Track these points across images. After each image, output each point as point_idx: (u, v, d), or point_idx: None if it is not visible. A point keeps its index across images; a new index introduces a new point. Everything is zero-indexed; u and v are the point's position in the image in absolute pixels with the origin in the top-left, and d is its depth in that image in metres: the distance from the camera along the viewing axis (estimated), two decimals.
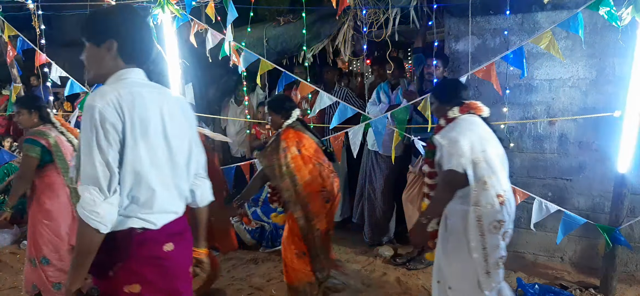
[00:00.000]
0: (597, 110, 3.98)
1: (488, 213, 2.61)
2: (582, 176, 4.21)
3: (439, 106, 2.94)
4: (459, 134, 2.67)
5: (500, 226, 2.64)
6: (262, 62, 4.37)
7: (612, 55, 3.96)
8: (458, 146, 2.62)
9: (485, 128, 2.78)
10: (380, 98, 4.79)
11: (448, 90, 2.94)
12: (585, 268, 4.26)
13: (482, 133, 2.73)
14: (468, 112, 2.83)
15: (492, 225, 2.63)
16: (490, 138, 2.75)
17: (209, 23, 4.54)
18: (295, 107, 3.47)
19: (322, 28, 5.23)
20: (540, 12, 4.15)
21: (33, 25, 4.95)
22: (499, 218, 2.63)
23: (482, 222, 2.62)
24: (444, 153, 2.67)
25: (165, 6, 4.44)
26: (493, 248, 2.65)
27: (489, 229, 2.63)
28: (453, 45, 4.54)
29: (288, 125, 3.41)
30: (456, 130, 2.71)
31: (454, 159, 2.61)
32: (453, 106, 2.84)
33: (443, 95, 2.93)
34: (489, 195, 2.61)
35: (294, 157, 3.27)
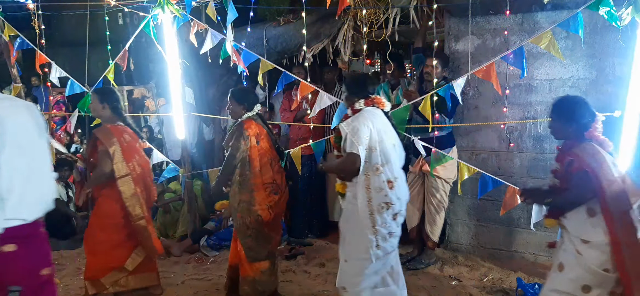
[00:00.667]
0: (597, 110, 3.91)
1: (377, 196, 3.05)
2: None
3: (348, 96, 3.27)
4: (360, 124, 3.04)
5: (389, 207, 3.07)
6: (262, 62, 4.37)
7: (612, 55, 3.96)
8: (358, 134, 3.00)
9: (384, 121, 3.20)
10: None
11: (357, 83, 3.28)
12: None
13: (380, 125, 3.13)
14: (372, 105, 3.20)
15: (380, 205, 3.06)
16: (388, 130, 3.18)
17: (209, 23, 4.54)
18: (257, 102, 3.70)
19: (322, 28, 5.22)
20: (540, 12, 4.15)
21: (33, 25, 4.95)
22: (386, 200, 3.06)
23: (371, 202, 3.05)
24: (347, 139, 3.05)
25: (165, 6, 4.44)
26: (382, 224, 3.08)
27: (378, 209, 3.06)
28: (453, 45, 4.54)
29: (249, 116, 3.62)
30: (359, 120, 3.08)
31: (354, 145, 3.00)
32: (360, 98, 3.19)
33: (352, 88, 3.27)
34: (379, 180, 3.05)
35: (252, 147, 3.52)
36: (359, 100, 3.19)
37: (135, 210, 3.71)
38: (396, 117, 4.05)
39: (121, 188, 3.66)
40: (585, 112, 2.75)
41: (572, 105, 2.80)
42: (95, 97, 3.81)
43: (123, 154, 3.66)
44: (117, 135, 3.69)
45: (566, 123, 2.78)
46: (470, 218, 4.70)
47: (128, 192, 3.69)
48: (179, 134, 5.08)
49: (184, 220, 5.41)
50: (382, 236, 3.10)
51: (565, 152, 2.82)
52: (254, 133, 3.57)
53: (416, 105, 4.02)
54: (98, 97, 3.79)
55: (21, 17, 5.19)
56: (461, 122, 4.53)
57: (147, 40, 4.92)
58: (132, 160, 3.73)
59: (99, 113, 3.80)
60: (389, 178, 3.07)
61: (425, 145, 4.08)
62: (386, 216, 3.08)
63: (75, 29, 6.00)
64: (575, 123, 2.75)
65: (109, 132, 3.68)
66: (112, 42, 4.90)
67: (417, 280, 4.25)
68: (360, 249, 3.13)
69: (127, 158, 3.69)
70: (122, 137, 3.72)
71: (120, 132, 3.74)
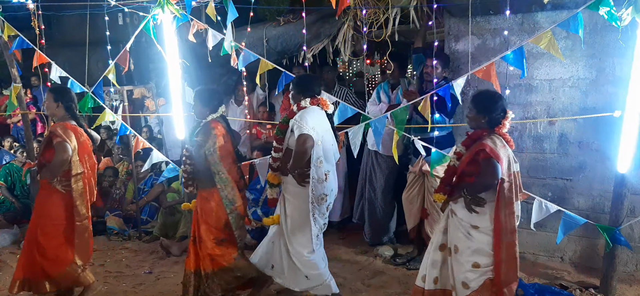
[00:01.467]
0: (597, 110, 3.98)
1: (318, 187, 3.41)
2: (582, 176, 4.21)
3: (295, 95, 3.58)
4: (307, 115, 3.41)
5: (325, 199, 3.46)
6: (262, 62, 4.37)
7: (612, 55, 3.96)
8: (305, 121, 3.36)
9: (325, 120, 3.55)
10: (380, 98, 4.79)
11: (304, 83, 3.60)
12: (585, 268, 4.26)
13: (322, 123, 3.49)
14: (317, 104, 3.53)
15: (320, 197, 3.44)
16: (328, 129, 3.56)
17: (209, 23, 4.54)
18: (222, 104, 3.77)
19: (322, 28, 5.22)
20: (540, 12, 4.15)
21: (33, 25, 4.95)
22: (324, 192, 3.44)
23: (314, 192, 3.41)
24: (296, 126, 3.37)
25: (165, 6, 4.44)
26: (320, 215, 3.48)
27: (318, 200, 3.43)
28: (453, 45, 4.54)
29: (213, 118, 3.68)
30: (306, 113, 3.43)
31: (304, 128, 3.33)
32: (306, 97, 3.51)
33: (300, 87, 3.58)
34: (321, 172, 3.40)
35: (221, 147, 3.61)
36: (305, 99, 3.51)
37: (82, 210, 3.78)
38: (396, 117, 4.06)
39: (74, 185, 3.72)
40: (498, 107, 3.06)
41: (487, 99, 3.10)
42: (51, 96, 3.82)
43: (78, 152, 3.74)
44: (75, 133, 3.76)
45: (479, 114, 3.08)
46: None
47: (78, 190, 3.75)
48: (179, 134, 5.08)
49: (184, 220, 5.41)
50: (319, 226, 3.51)
51: (473, 140, 3.13)
52: (220, 133, 3.64)
53: (416, 105, 4.02)
54: (53, 96, 3.81)
55: (21, 17, 5.19)
56: (461, 122, 4.52)
57: (147, 40, 4.92)
58: (85, 159, 3.81)
59: (53, 111, 3.83)
60: (326, 170, 3.43)
61: (425, 145, 4.08)
62: (323, 207, 3.47)
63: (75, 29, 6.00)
64: (488, 116, 3.05)
65: (67, 130, 3.74)
66: (112, 42, 4.89)
67: None
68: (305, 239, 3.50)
69: (81, 157, 3.77)
70: (78, 135, 3.78)
71: (77, 130, 3.80)
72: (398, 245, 4.93)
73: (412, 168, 4.47)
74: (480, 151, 2.99)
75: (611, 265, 3.79)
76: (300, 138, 3.32)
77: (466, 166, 3.10)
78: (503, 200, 2.98)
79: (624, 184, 3.65)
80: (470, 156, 3.07)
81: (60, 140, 3.65)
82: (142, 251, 5.21)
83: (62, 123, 3.78)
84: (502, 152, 2.96)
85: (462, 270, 3.09)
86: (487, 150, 2.95)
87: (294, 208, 3.54)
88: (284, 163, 3.50)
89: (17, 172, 6.17)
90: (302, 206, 3.48)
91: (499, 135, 3.05)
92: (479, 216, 3.04)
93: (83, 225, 3.81)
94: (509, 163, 3.00)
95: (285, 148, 3.55)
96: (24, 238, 3.93)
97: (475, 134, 3.14)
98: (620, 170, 3.62)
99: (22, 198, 6.16)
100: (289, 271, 3.63)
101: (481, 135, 3.08)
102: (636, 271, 4.16)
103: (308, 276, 3.55)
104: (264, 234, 4.98)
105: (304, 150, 3.32)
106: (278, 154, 3.60)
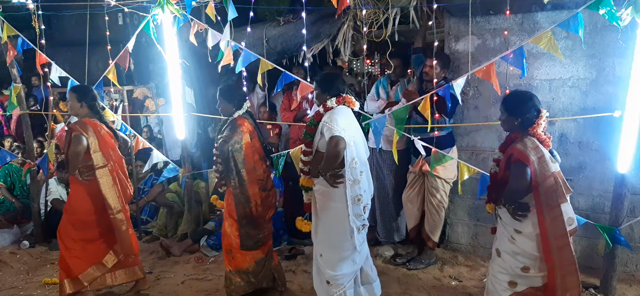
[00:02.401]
0: (597, 110, 3.98)
1: (353, 188, 3.25)
2: (582, 176, 4.21)
3: (320, 94, 3.41)
4: (338, 116, 3.24)
5: (360, 199, 3.29)
6: (262, 62, 4.37)
7: (612, 55, 3.96)
8: (336, 122, 3.20)
9: (354, 119, 3.42)
10: (379, 93, 4.79)
11: (329, 82, 3.42)
12: (585, 268, 4.25)
13: (352, 122, 3.37)
14: (343, 103, 3.36)
15: (356, 198, 3.27)
16: (358, 128, 3.43)
17: (209, 23, 4.54)
18: (245, 99, 3.78)
19: (322, 28, 5.22)
20: (540, 12, 4.15)
21: (33, 25, 4.95)
22: (359, 193, 3.27)
23: (350, 194, 3.25)
24: (326, 128, 3.21)
25: (165, 6, 4.44)
26: (356, 216, 3.29)
27: (353, 200, 3.26)
28: (453, 45, 4.54)
29: (240, 115, 3.71)
30: (336, 113, 3.27)
31: (335, 130, 3.16)
32: (331, 96, 3.35)
33: (324, 86, 3.40)
34: (356, 173, 3.26)
35: (247, 144, 3.63)
36: (330, 98, 3.35)
37: (114, 202, 3.79)
38: (396, 116, 4.06)
39: (100, 179, 3.73)
40: (530, 108, 2.92)
41: (519, 100, 2.97)
42: (74, 96, 3.85)
43: (99, 145, 3.75)
44: (93, 127, 3.78)
45: (512, 116, 2.95)
46: (470, 218, 4.70)
47: (107, 183, 3.76)
48: (179, 134, 5.08)
49: (184, 220, 5.42)
50: (357, 227, 3.32)
51: (508, 144, 3.02)
52: (247, 130, 3.66)
53: (416, 104, 4.02)
54: (76, 96, 3.84)
55: (21, 17, 5.19)
56: (461, 122, 4.53)
57: (147, 40, 4.92)
58: (109, 153, 3.81)
59: (77, 112, 3.86)
60: (360, 170, 3.29)
61: (425, 145, 4.08)
62: (359, 208, 3.30)
63: (75, 29, 5.99)
64: (520, 117, 2.92)
65: (85, 124, 3.77)
66: (112, 42, 4.89)
67: (417, 280, 4.26)
68: (338, 240, 3.33)
69: (104, 150, 3.77)
70: (97, 129, 3.79)
71: (97, 125, 3.82)
72: (398, 245, 4.92)
73: (412, 168, 4.47)
74: (510, 155, 2.90)
75: (611, 265, 3.80)
76: (332, 141, 3.16)
77: (503, 172, 2.98)
78: (543, 202, 2.84)
79: (624, 184, 3.65)
80: (505, 161, 2.96)
81: (77, 134, 3.70)
82: (142, 251, 5.18)
83: (81, 119, 3.82)
84: (532, 154, 2.83)
85: (509, 271, 2.99)
86: (515, 154, 2.86)
87: (325, 209, 3.39)
88: (314, 166, 3.35)
89: (16, 172, 6.18)
90: (335, 205, 3.32)
91: (532, 136, 2.91)
92: (521, 222, 2.92)
93: (118, 219, 3.82)
94: (546, 164, 2.85)
95: (315, 151, 3.39)
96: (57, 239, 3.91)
97: (509, 138, 3.04)
98: (620, 170, 3.62)
99: (22, 198, 6.16)
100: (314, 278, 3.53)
101: (515, 138, 2.98)
102: (636, 271, 4.16)
103: (330, 282, 3.40)
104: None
105: (336, 152, 3.16)
106: (308, 158, 3.45)
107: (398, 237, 4.96)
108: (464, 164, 4.05)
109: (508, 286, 3.01)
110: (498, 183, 3.04)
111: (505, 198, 2.94)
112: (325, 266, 3.40)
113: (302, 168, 3.49)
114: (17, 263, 4.98)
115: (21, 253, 5.21)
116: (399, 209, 4.83)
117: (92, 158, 3.72)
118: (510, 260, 2.98)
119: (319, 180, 3.34)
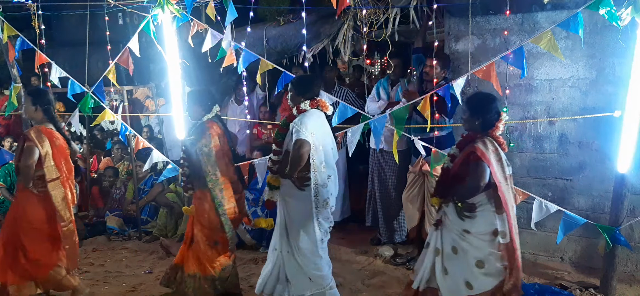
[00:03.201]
0: (597, 110, 3.98)
1: (322, 191, 3.33)
2: (582, 176, 4.21)
3: (294, 96, 3.46)
4: (308, 119, 3.31)
5: (328, 203, 3.39)
6: (262, 62, 4.37)
7: (612, 55, 3.96)
8: (305, 125, 3.26)
9: (325, 123, 3.47)
10: (380, 95, 4.79)
11: (304, 84, 3.47)
12: (585, 268, 4.26)
13: (322, 126, 3.41)
14: (316, 106, 3.41)
15: (324, 202, 3.36)
16: (328, 132, 3.48)
17: (209, 23, 4.54)
18: (216, 103, 3.77)
19: (322, 28, 5.22)
20: (540, 12, 4.15)
21: (33, 25, 4.95)
22: (326, 197, 3.36)
23: (318, 198, 3.33)
24: (295, 131, 3.27)
25: (165, 6, 4.43)
26: (324, 219, 3.41)
27: (322, 204, 3.35)
28: (453, 45, 4.54)
29: (208, 118, 3.69)
30: (306, 116, 3.33)
31: (301, 133, 3.23)
32: (305, 99, 3.39)
33: (299, 89, 3.45)
34: (324, 176, 3.34)
35: (216, 147, 3.62)
36: (304, 101, 3.39)
37: (66, 214, 3.75)
38: (396, 117, 4.06)
39: (52, 192, 3.67)
40: (492, 110, 3.03)
41: (482, 101, 3.07)
42: (29, 99, 3.75)
43: (53, 156, 3.68)
44: (49, 137, 3.70)
45: (473, 117, 3.05)
46: None
47: (59, 195, 3.71)
48: (179, 134, 5.08)
49: (184, 220, 5.41)
50: (324, 230, 3.42)
51: (466, 142, 3.11)
52: (216, 133, 3.66)
53: (416, 105, 4.02)
54: (31, 99, 3.74)
55: (21, 17, 5.19)
56: (461, 122, 4.52)
57: (147, 40, 4.92)
58: (61, 164, 3.75)
59: (32, 115, 3.77)
60: (329, 174, 3.39)
61: (425, 145, 4.08)
62: (327, 212, 3.41)
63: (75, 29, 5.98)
64: (481, 118, 3.02)
65: (41, 133, 3.68)
66: (112, 42, 4.89)
67: None
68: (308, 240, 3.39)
69: (57, 162, 3.71)
70: (53, 139, 3.72)
71: (52, 134, 3.74)
72: (398, 245, 4.92)
73: (412, 168, 4.47)
74: (471, 153, 2.98)
75: (611, 265, 3.80)
76: (296, 143, 3.25)
77: (458, 168, 3.08)
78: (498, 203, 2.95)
79: (624, 184, 3.65)
80: (462, 158, 3.06)
81: (31, 145, 3.61)
82: (142, 251, 5.21)
83: (38, 127, 3.73)
84: (492, 156, 2.94)
85: (465, 270, 3.04)
86: (477, 153, 2.93)
87: (296, 210, 3.45)
88: (283, 166, 3.43)
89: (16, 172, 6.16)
90: (304, 207, 3.39)
91: (492, 138, 3.02)
92: (470, 221, 3.01)
93: (69, 230, 3.78)
94: (502, 166, 2.98)
95: (285, 151, 3.47)
96: None
97: (468, 136, 3.13)
98: (620, 170, 3.62)
99: None
100: (294, 276, 3.49)
101: (474, 137, 3.06)
102: (636, 271, 4.16)
103: (312, 279, 3.44)
104: (264, 234, 5.02)
105: (299, 155, 3.24)
106: (277, 157, 3.52)
107: (399, 237, 4.96)
108: None
109: (465, 288, 3.04)
110: (451, 178, 3.12)
111: (459, 194, 3.02)
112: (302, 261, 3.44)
113: (270, 167, 3.55)
114: None
115: None
116: (400, 209, 4.83)
117: (44, 171, 3.63)
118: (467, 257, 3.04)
119: (287, 181, 3.40)
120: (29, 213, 3.71)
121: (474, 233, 3.01)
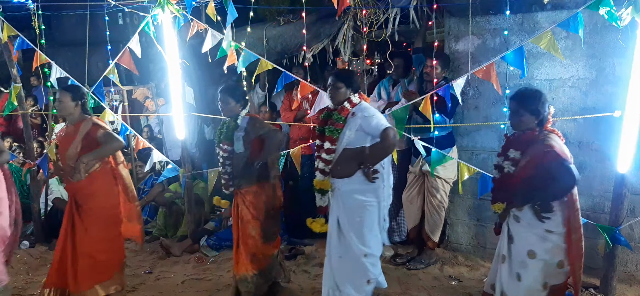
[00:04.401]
0: (597, 110, 3.98)
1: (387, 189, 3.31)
2: (582, 176, 4.18)
3: (345, 90, 3.32)
4: (373, 110, 3.25)
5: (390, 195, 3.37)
6: (262, 62, 4.37)
7: (612, 55, 3.96)
8: (378, 115, 3.20)
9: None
10: (381, 95, 4.79)
11: (353, 78, 3.40)
12: (585, 268, 4.23)
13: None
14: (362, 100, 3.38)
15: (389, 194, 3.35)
16: None
17: (209, 23, 4.54)
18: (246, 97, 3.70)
19: (322, 28, 5.23)
20: (540, 12, 4.15)
21: (33, 25, 4.95)
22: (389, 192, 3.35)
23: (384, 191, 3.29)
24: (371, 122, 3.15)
25: (165, 6, 4.44)
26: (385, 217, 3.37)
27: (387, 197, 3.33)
28: (453, 45, 4.54)
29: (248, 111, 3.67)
30: (371, 109, 3.26)
31: (385, 121, 3.16)
32: (355, 92, 3.33)
33: (349, 82, 3.32)
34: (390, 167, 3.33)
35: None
36: (355, 94, 3.32)
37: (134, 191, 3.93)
38: (396, 117, 4.06)
39: (123, 172, 3.82)
40: (546, 105, 2.88)
41: (537, 99, 2.87)
42: (68, 95, 3.74)
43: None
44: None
45: (532, 116, 2.85)
46: (470, 218, 4.70)
47: (127, 175, 3.86)
48: (179, 134, 5.08)
49: (184, 220, 5.41)
50: (383, 228, 3.37)
51: (527, 143, 2.87)
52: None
53: (416, 105, 4.02)
54: (71, 95, 3.74)
55: (21, 17, 5.19)
56: (461, 122, 4.53)
57: (147, 40, 4.93)
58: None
59: (70, 111, 3.74)
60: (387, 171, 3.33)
61: (425, 145, 4.08)
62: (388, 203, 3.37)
63: (75, 29, 5.99)
64: (540, 115, 2.85)
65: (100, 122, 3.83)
66: (112, 42, 4.90)
67: (417, 280, 4.25)
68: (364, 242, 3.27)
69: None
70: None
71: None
72: (398, 245, 4.93)
73: (412, 168, 4.47)
74: (546, 153, 2.76)
75: (611, 265, 3.80)
76: (389, 132, 3.07)
77: (533, 171, 2.83)
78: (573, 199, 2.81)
79: (624, 184, 3.65)
80: (536, 161, 2.82)
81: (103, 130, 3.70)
82: (142, 251, 5.21)
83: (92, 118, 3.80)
84: (566, 150, 2.78)
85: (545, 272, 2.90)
86: (557, 153, 2.74)
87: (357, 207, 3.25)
88: (343, 165, 3.21)
89: (16, 172, 6.17)
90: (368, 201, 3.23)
91: (551, 133, 2.85)
92: (550, 221, 2.84)
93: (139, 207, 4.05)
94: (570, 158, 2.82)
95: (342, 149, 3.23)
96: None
97: (528, 136, 2.90)
98: (620, 170, 3.62)
99: (22, 198, 6.13)
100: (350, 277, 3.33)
101: (533, 136, 2.87)
102: (636, 271, 4.16)
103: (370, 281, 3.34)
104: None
105: (394, 143, 3.10)
106: (331, 156, 3.26)
107: (398, 237, 4.96)
108: (464, 164, 4.05)
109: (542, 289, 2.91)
110: (519, 182, 2.89)
111: (548, 198, 2.83)
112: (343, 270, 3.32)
113: (323, 168, 3.31)
114: (17, 263, 4.97)
115: (21, 253, 5.20)
116: (399, 209, 4.83)
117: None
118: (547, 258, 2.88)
119: (343, 181, 3.23)
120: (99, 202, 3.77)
121: (556, 232, 2.84)
